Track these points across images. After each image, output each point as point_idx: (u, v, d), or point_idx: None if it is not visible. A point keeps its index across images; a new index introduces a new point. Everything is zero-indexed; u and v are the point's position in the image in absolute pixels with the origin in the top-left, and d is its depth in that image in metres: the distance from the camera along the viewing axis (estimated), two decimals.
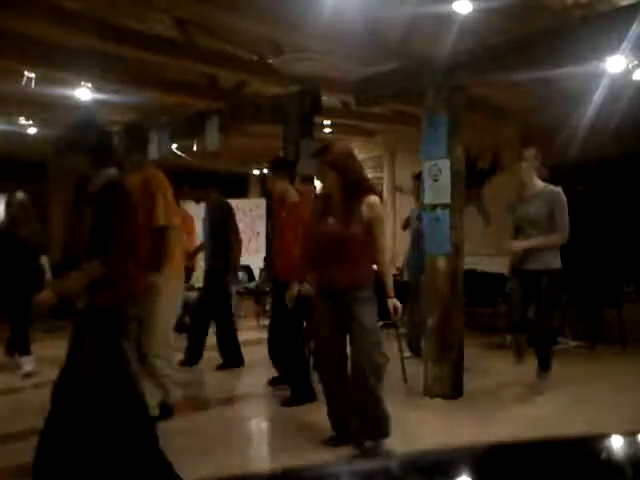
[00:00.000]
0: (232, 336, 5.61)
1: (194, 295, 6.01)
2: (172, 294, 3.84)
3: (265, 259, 8.18)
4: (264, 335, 7.19)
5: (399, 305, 3.32)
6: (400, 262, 6.79)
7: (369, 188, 3.36)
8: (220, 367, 5.38)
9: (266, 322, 7.54)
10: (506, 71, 4.25)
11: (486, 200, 7.52)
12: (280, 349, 4.53)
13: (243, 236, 6.76)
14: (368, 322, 3.22)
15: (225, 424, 4.02)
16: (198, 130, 6.23)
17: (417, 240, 5.32)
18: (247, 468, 3.25)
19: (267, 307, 8.17)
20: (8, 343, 5.41)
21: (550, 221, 4.33)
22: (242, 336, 7.10)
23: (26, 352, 5.26)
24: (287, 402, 4.27)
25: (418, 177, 5.24)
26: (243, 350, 5.69)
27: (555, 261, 4.33)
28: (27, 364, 5.20)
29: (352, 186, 3.26)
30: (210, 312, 5.49)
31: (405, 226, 6.72)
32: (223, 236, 5.42)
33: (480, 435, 3.66)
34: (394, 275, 4.28)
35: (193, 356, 5.38)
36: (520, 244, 4.42)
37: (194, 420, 4.06)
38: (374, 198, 3.28)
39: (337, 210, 3.27)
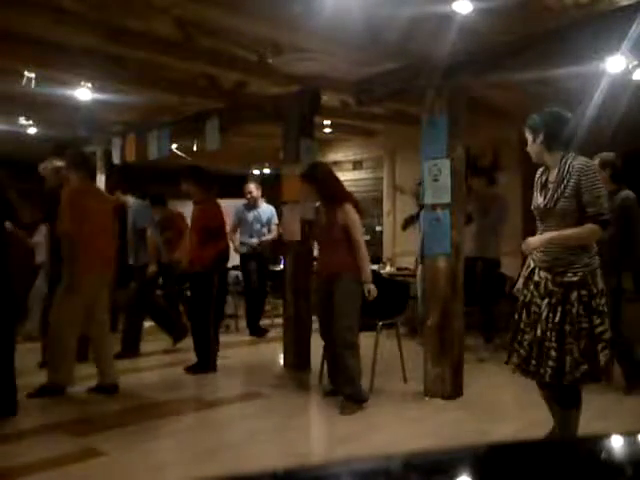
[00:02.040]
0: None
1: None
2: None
3: None
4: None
5: (374, 290, 4.23)
6: (405, 261, 6.80)
7: (344, 198, 4.32)
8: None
9: (266, 322, 7.57)
10: (506, 71, 4.25)
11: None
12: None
13: None
14: (344, 306, 4.17)
15: (225, 423, 4.02)
16: (198, 130, 6.23)
17: None
18: (247, 468, 3.24)
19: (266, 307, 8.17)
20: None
21: None
22: (242, 336, 7.13)
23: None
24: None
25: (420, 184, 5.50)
26: (243, 350, 5.69)
27: None
28: None
29: (328, 197, 4.31)
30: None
31: (405, 226, 6.73)
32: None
33: (480, 435, 3.66)
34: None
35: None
36: None
37: (193, 420, 4.07)
38: (348, 206, 4.23)
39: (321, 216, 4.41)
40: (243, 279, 7.36)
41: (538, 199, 3.05)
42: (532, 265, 3.10)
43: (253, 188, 7.33)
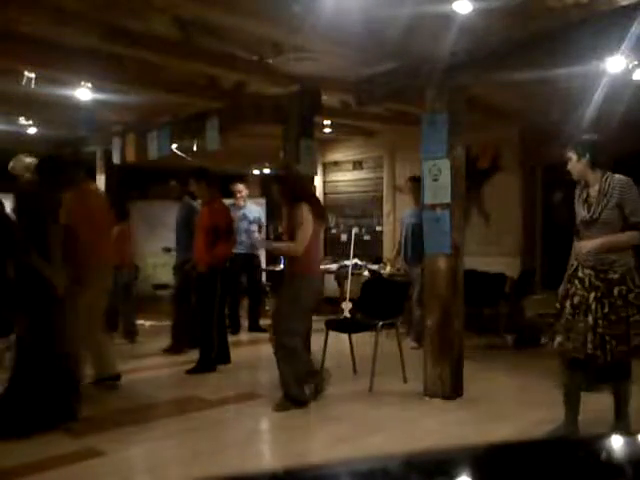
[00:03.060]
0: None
1: None
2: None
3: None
4: (262, 335, 7.23)
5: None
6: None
7: (302, 198, 4.31)
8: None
9: (267, 322, 7.57)
10: (506, 71, 4.24)
11: (486, 200, 7.53)
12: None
13: None
14: (283, 307, 4.29)
15: (225, 423, 4.02)
16: (198, 130, 6.23)
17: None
18: (247, 468, 3.25)
19: (267, 307, 8.18)
20: None
21: None
22: (242, 336, 7.13)
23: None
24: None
25: (415, 179, 6.02)
26: (243, 350, 5.69)
27: None
28: None
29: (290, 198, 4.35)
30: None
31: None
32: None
33: (480, 435, 3.66)
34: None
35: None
36: None
37: (193, 420, 4.06)
38: (302, 205, 4.22)
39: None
40: (238, 278, 7.35)
41: (582, 212, 3.56)
42: (575, 264, 3.58)
43: (243, 188, 7.45)
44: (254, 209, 7.54)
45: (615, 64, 4.25)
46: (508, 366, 5.65)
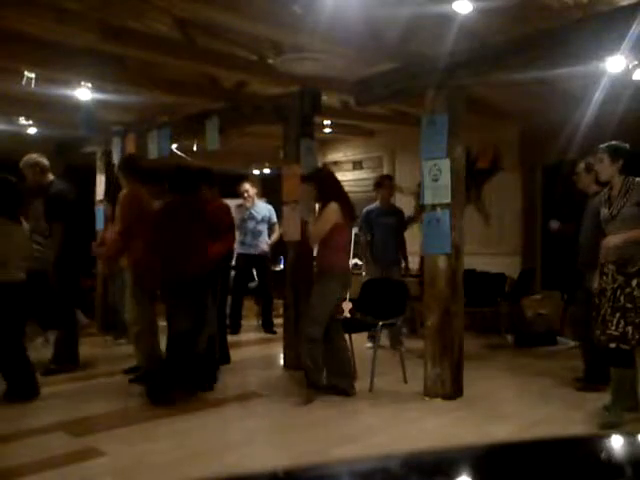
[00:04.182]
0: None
1: None
2: None
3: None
4: (264, 335, 7.23)
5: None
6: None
7: (334, 198, 4.45)
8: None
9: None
10: (506, 71, 4.24)
11: (486, 200, 7.53)
12: None
13: None
14: (313, 300, 4.42)
15: (225, 423, 4.02)
16: (198, 130, 6.23)
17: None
18: (247, 468, 3.25)
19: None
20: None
21: None
22: (243, 336, 7.12)
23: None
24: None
25: (390, 178, 6.56)
26: (243, 350, 5.68)
27: None
28: None
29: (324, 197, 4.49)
30: None
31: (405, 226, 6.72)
32: None
33: (480, 435, 3.66)
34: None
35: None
36: None
37: (193, 420, 4.06)
38: (332, 204, 4.39)
39: None
40: (240, 278, 7.31)
41: (604, 211, 3.86)
42: (602, 261, 3.85)
43: (249, 187, 7.37)
44: (263, 207, 7.39)
45: (615, 64, 4.25)
46: (508, 366, 5.65)
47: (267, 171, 10.32)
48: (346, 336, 5.26)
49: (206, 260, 4.52)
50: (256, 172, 10.44)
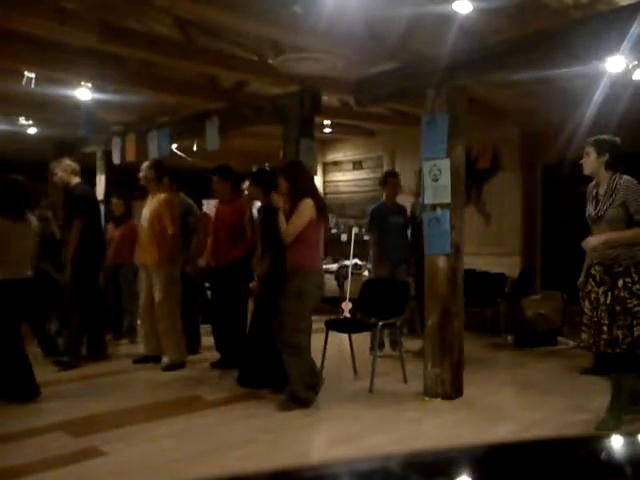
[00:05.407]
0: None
1: None
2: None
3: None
4: None
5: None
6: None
7: (306, 194, 4.24)
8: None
9: None
10: (506, 71, 4.24)
11: (486, 200, 7.53)
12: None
13: None
14: (287, 305, 4.17)
15: (225, 423, 4.02)
16: (198, 130, 6.23)
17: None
18: (247, 468, 3.24)
19: None
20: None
21: None
22: None
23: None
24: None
25: (393, 175, 6.32)
26: None
27: None
28: None
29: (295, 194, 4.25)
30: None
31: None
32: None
33: (480, 435, 3.66)
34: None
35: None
36: None
37: (193, 420, 4.06)
38: (306, 200, 4.18)
39: None
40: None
41: (590, 209, 3.74)
42: (589, 262, 3.78)
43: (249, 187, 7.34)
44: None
45: (615, 64, 4.25)
46: (508, 366, 5.66)
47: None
48: (346, 336, 5.26)
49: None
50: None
